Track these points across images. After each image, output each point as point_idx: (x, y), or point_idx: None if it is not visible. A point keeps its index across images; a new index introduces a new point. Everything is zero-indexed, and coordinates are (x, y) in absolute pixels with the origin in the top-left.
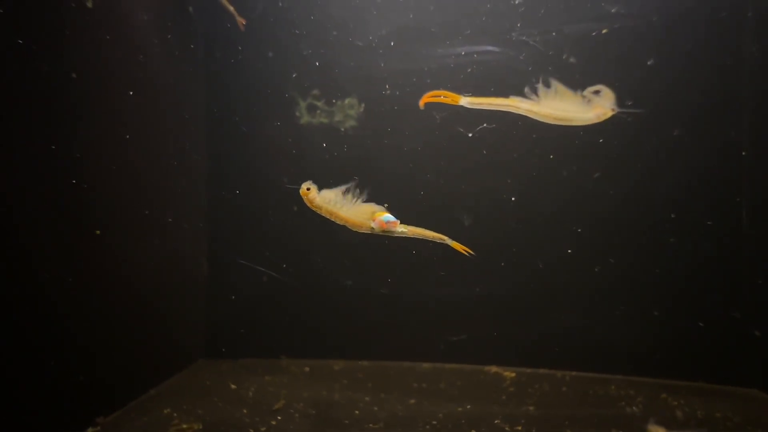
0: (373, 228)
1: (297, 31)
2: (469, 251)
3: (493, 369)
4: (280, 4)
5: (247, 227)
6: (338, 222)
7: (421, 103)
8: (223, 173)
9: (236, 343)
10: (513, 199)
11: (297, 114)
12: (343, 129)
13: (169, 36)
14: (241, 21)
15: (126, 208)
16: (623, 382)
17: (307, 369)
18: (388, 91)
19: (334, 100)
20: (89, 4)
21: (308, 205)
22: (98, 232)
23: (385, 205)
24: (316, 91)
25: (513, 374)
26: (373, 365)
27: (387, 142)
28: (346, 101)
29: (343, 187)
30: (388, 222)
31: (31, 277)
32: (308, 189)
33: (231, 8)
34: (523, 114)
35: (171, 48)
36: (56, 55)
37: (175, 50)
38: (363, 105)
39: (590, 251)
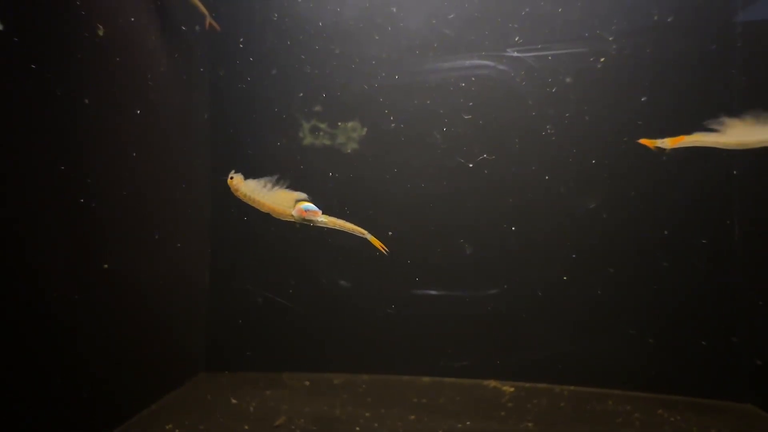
0: (294, 216)
1: (303, 57)
2: (385, 248)
3: (492, 383)
4: (284, 27)
5: (249, 242)
6: (263, 210)
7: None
8: (226, 189)
9: (237, 356)
10: (513, 228)
11: (300, 135)
12: (349, 150)
13: (176, 56)
14: (214, 24)
15: (131, 224)
16: (621, 398)
17: (307, 383)
18: (390, 116)
19: (339, 123)
20: (100, 33)
21: (234, 193)
22: (106, 265)
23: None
24: (317, 107)
25: (512, 389)
26: (373, 379)
27: (388, 163)
28: (349, 124)
29: (270, 179)
30: (308, 210)
31: (37, 294)
32: (231, 178)
33: (204, 10)
34: (710, 145)
35: (177, 68)
36: (69, 80)
37: (180, 70)
38: (365, 128)
39: (589, 268)
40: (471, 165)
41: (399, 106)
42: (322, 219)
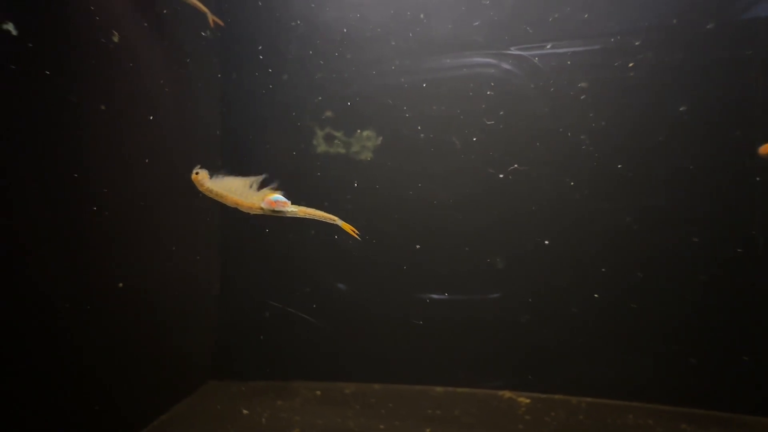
0: (263, 208)
1: (322, 62)
2: (356, 232)
3: (507, 394)
4: (299, 31)
5: (260, 250)
6: (230, 204)
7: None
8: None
9: (245, 365)
10: (545, 241)
11: (314, 143)
12: (366, 158)
13: (187, 60)
14: (217, 21)
15: (141, 230)
16: (641, 411)
17: (318, 392)
18: (409, 124)
19: (358, 131)
20: (115, 39)
21: (199, 188)
22: (121, 284)
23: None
24: (329, 113)
25: (528, 400)
26: (385, 388)
27: (407, 171)
28: (364, 133)
29: (235, 176)
30: (277, 201)
31: (46, 305)
32: (196, 173)
33: (203, 8)
34: None
35: (189, 73)
36: (84, 86)
37: (192, 75)
38: (381, 138)
39: (607, 277)
40: (502, 176)
41: (417, 113)
42: (292, 209)
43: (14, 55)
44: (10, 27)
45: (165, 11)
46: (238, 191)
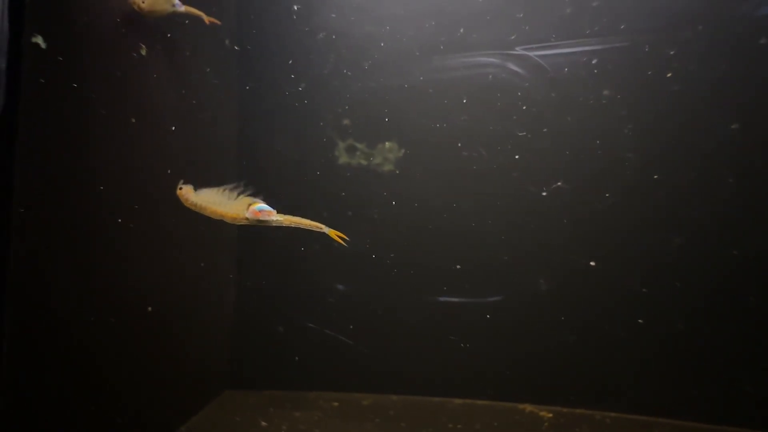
0: (248, 219)
1: (347, 71)
2: (344, 238)
3: (528, 408)
4: (319, 36)
5: (276, 259)
6: (215, 217)
7: None
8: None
9: (261, 374)
10: (591, 263)
11: (335, 154)
12: (388, 170)
13: (207, 69)
14: (213, 20)
15: (160, 240)
16: (667, 427)
17: (335, 404)
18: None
19: (379, 144)
20: (143, 52)
21: (184, 203)
22: (150, 308)
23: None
24: (346, 121)
25: (550, 414)
26: (403, 400)
27: (433, 182)
28: (387, 145)
29: (221, 187)
30: (261, 211)
31: (61, 320)
32: (180, 188)
33: (197, 12)
34: None
35: (208, 83)
36: (114, 99)
37: (212, 81)
38: (403, 150)
39: (631, 288)
40: (545, 193)
41: (442, 124)
42: (277, 218)
43: (44, 68)
44: (39, 40)
45: (187, 21)
46: (222, 203)
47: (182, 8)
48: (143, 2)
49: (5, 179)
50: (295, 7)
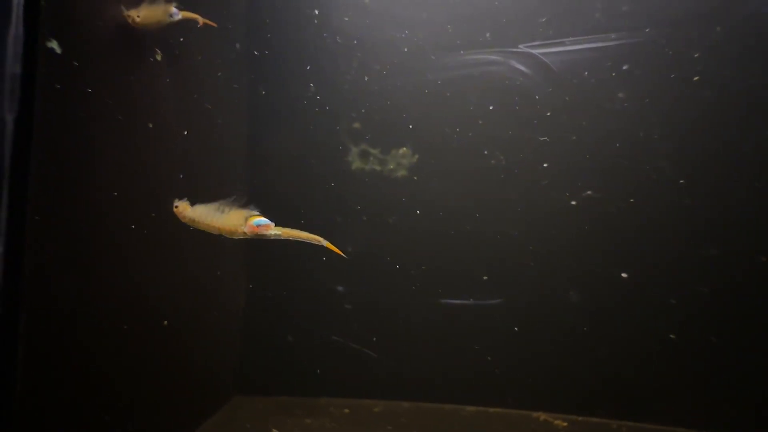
0: (246, 233)
1: (366, 78)
2: (341, 253)
3: (542, 416)
4: (328, 41)
5: (286, 265)
6: (213, 232)
7: None
8: (263, 209)
9: (271, 380)
10: (623, 274)
11: (348, 159)
12: (401, 175)
13: (219, 74)
14: (209, 22)
15: (169, 245)
16: None
17: (346, 410)
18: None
19: (393, 150)
20: (158, 57)
21: (181, 219)
22: (166, 322)
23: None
24: (356, 125)
25: (565, 423)
26: (414, 407)
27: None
28: (401, 151)
29: (223, 201)
30: (259, 225)
31: (73, 327)
32: (176, 206)
33: (194, 16)
34: None
35: (219, 88)
36: (129, 104)
37: (224, 86)
38: (416, 156)
39: (649, 295)
40: (574, 202)
41: (459, 129)
42: (276, 231)
43: (59, 73)
44: (54, 45)
45: (199, 25)
46: (219, 218)
47: (179, 16)
48: (138, 16)
49: (20, 185)
50: (316, 11)
